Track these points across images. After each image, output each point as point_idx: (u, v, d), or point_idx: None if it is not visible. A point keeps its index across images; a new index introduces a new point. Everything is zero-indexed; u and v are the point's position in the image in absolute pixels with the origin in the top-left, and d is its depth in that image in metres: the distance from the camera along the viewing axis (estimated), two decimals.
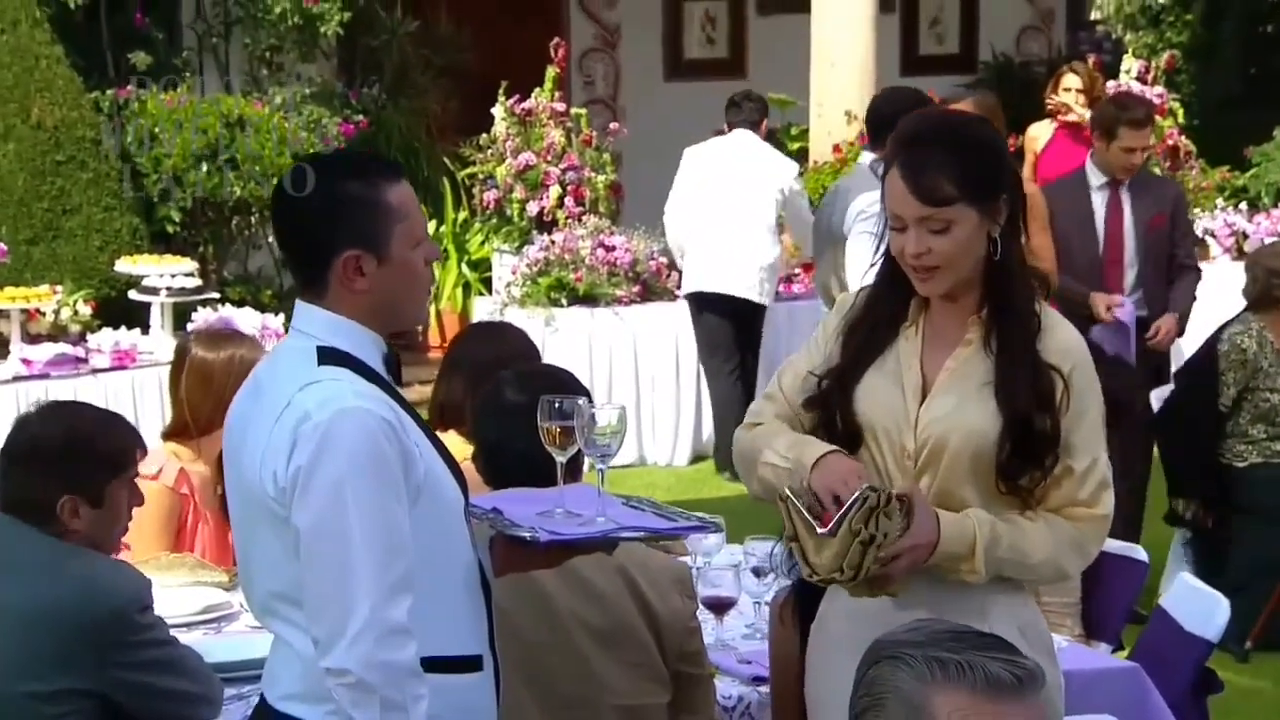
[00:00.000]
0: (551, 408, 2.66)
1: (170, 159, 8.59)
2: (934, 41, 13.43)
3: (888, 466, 2.81)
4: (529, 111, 9.21)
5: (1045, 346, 2.76)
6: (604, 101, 12.89)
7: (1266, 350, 5.77)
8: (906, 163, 2.76)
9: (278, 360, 2.64)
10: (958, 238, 2.74)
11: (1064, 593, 4.16)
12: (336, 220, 2.53)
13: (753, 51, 12.94)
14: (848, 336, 2.86)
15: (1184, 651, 3.65)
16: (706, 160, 8.15)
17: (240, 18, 9.62)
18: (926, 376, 2.81)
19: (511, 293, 8.80)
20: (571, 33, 12.92)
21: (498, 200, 9.16)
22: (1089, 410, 2.77)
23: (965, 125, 2.89)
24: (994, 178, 2.77)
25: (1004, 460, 2.73)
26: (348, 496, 2.42)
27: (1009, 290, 2.77)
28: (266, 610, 2.60)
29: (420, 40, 10.75)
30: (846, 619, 2.85)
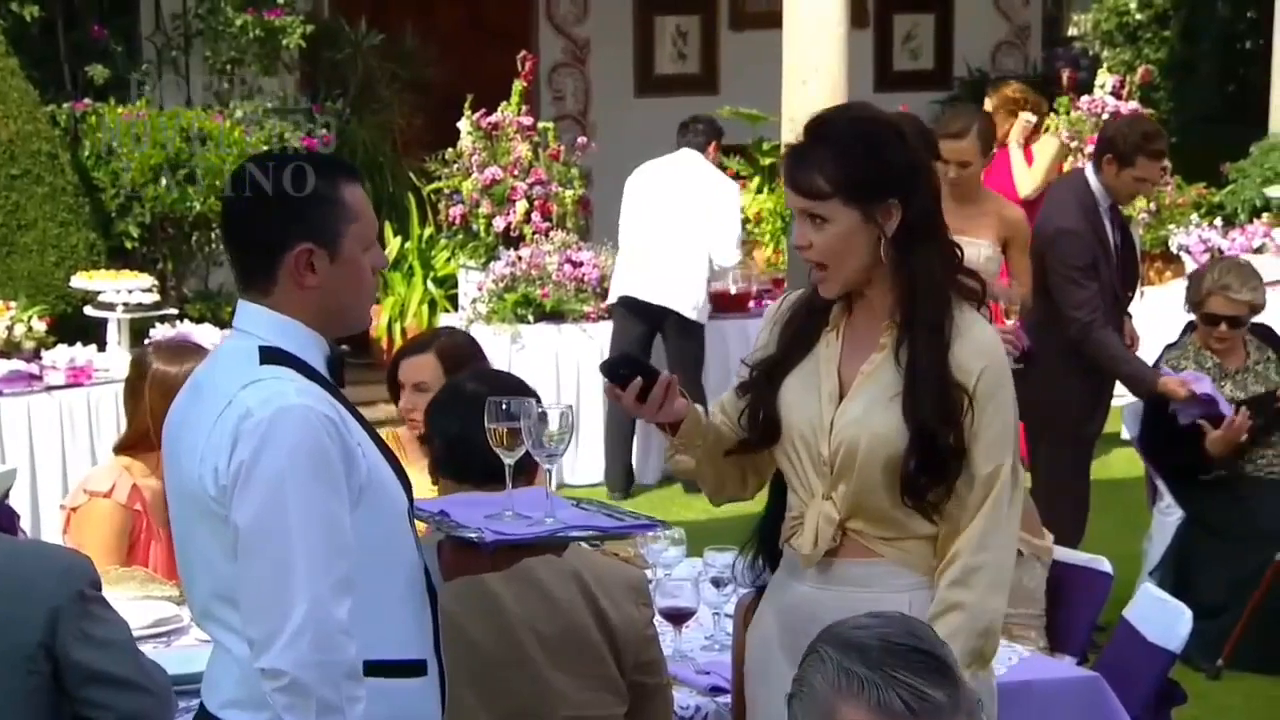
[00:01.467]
0: (499, 409, 2.69)
1: (128, 173, 8.59)
2: (908, 57, 13.53)
3: (806, 472, 2.88)
4: (495, 126, 9.25)
5: (958, 352, 2.79)
6: (574, 117, 12.94)
7: (1206, 366, 5.82)
8: (791, 153, 2.85)
9: (218, 360, 2.66)
10: (833, 234, 2.79)
11: (1028, 604, 4.20)
12: (291, 214, 2.57)
13: (725, 67, 13.01)
14: (780, 332, 2.94)
15: (1147, 662, 3.69)
16: (649, 179, 8.32)
17: (200, 30, 9.65)
18: (843, 382, 2.86)
19: (477, 309, 8.83)
20: (541, 47, 12.97)
21: (464, 215, 9.19)
22: (997, 415, 2.80)
23: (858, 123, 2.87)
24: (876, 178, 2.79)
25: (909, 473, 2.77)
26: (288, 493, 2.44)
27: (914, 301, 2.80)
28: (206, 614, 2.61)
29: (385, 54, 10.79)
30: (777, 616, 2.93)
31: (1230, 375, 5.84)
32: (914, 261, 2.80)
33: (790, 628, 2.90)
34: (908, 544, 2.85)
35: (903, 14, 13.43)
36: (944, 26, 13.51)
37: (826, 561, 2.87)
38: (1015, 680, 3.45)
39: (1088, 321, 5.73)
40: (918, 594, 2.83)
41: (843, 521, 2.85)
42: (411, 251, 9.87)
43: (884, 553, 2.85)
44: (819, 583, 2.89)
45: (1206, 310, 5.77)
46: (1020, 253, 5.77)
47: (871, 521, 2.84)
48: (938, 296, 2.81)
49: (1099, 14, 14.62)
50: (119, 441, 4.33)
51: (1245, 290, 5.74)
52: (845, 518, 2.85)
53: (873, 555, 2.85)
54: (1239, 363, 5.85)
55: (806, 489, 2.88)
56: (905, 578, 2.85)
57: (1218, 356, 5.84)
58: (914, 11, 13.46)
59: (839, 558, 2.87)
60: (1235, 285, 5.72)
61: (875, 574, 2.85)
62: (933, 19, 13.49)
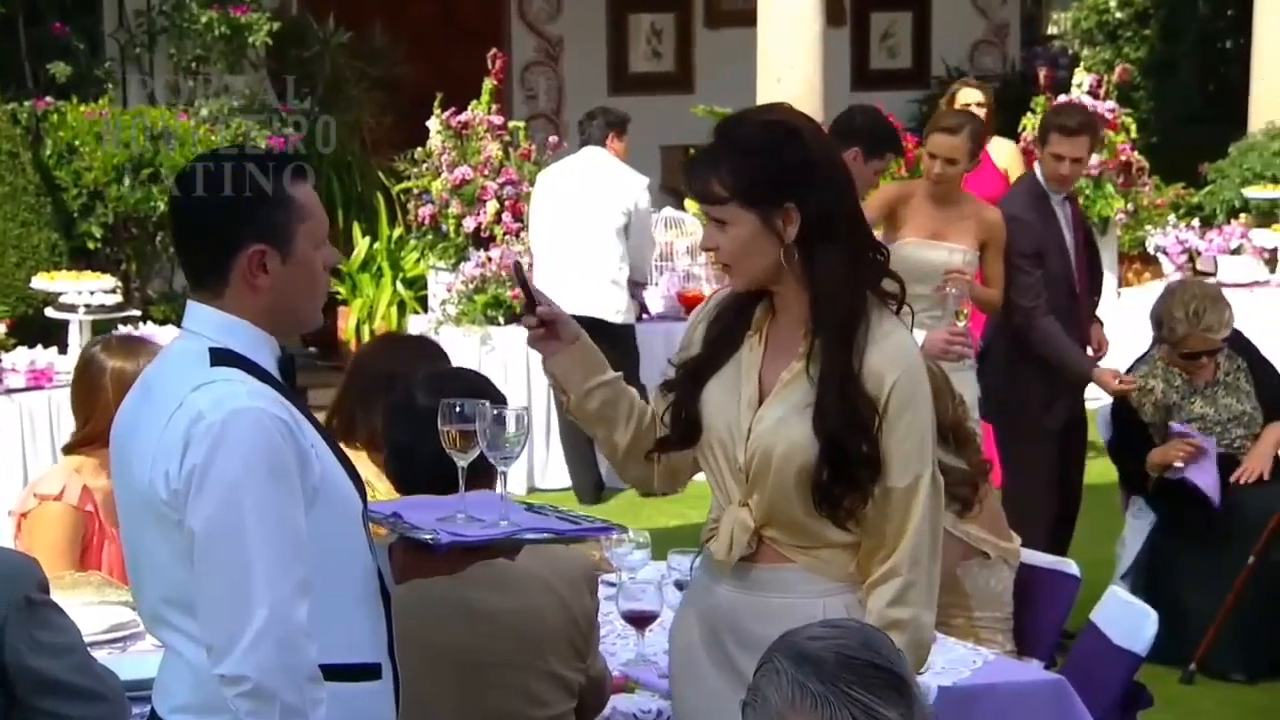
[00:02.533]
0: (452, 411, 2.71)
1: (91, 173, 8.58)
2: (886, 56, 13.58)
3: (725, 477, 2.90)
4: (466, 125, 9.25)
5: (870, 360, 2.80)
6: (547, 116, 12.96)
7: (1175, 384, 5.83)
8: (692, 161, 2.90)
9: (168, 361, 2.66)
10: (734, 238, 2.82)
11: (995, 607, 4.23)
12: (242, 214, 2.57)
13: (700, 65, 13.04)
14: (706, 331, 2.96)
15: (1113, 665, 3.72)
16: (555, 181, 8.25)
17: (165, 27, 9.64)
18: (763, 387, 2.88)
19: (446, 310, 8.83)
20: (513, 45, 12.99)
21: (433, 216, 9.19)
22: (913, 425, 2.81)
23: (754, 126, 2.87)
24: (771, 183, 2.80)
25: (822, 483, 2.80)
26: (244, 496, 2.44)
27: (820, 306, 2.81)
28: (156, 619, 2.61)
29: (354, 52, 10.79)
30: (699, 618, 2.97)
31: (1200, 391, 5.85)
32: (816, 266, 2.81)
33: (711, 629, 2.95)
34: (823, 552, 2.87)
35: (880, 12, 13.49)
36: (922, 25, 13.57)
37: (744, 566, 2.90)
38: (980, 683, 3.48)
39: (1030, 308, 5.78)
40: (831, 599, 2.86)
41: (758, 529, 2.87)
42: (380, 252, 9.88)
43: (799, 560, 2.88)
44: (736, 587, 2.91)
45: (1186, 350, 5.76)
46: (996, 256, 5.80)
47: (786, 530, 2.87)
48: (843, 302, 2.80)
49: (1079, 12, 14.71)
50: (71, 441, 4.32)
51: (1222, 328, 5.74)
52: (760, 525, 2.87)
53: (787, 561, 2.88)
54: (1208, 376, 5.85)
55: (724, 494, 2.91)
56: (819, 584, 2.87)
57: (1186, 371, 5.85)
58: (891, 10, 13.52)
59: (755, 563, 2.89)
60: (1214, 325, 5.71)
61: (790, 579, 2.88)
62: (910, 17, 13.55)
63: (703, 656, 2.97)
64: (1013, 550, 4.28)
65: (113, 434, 2.67)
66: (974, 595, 4.24)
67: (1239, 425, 5.84)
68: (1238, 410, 5.85)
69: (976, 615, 4.20)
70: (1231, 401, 5.86)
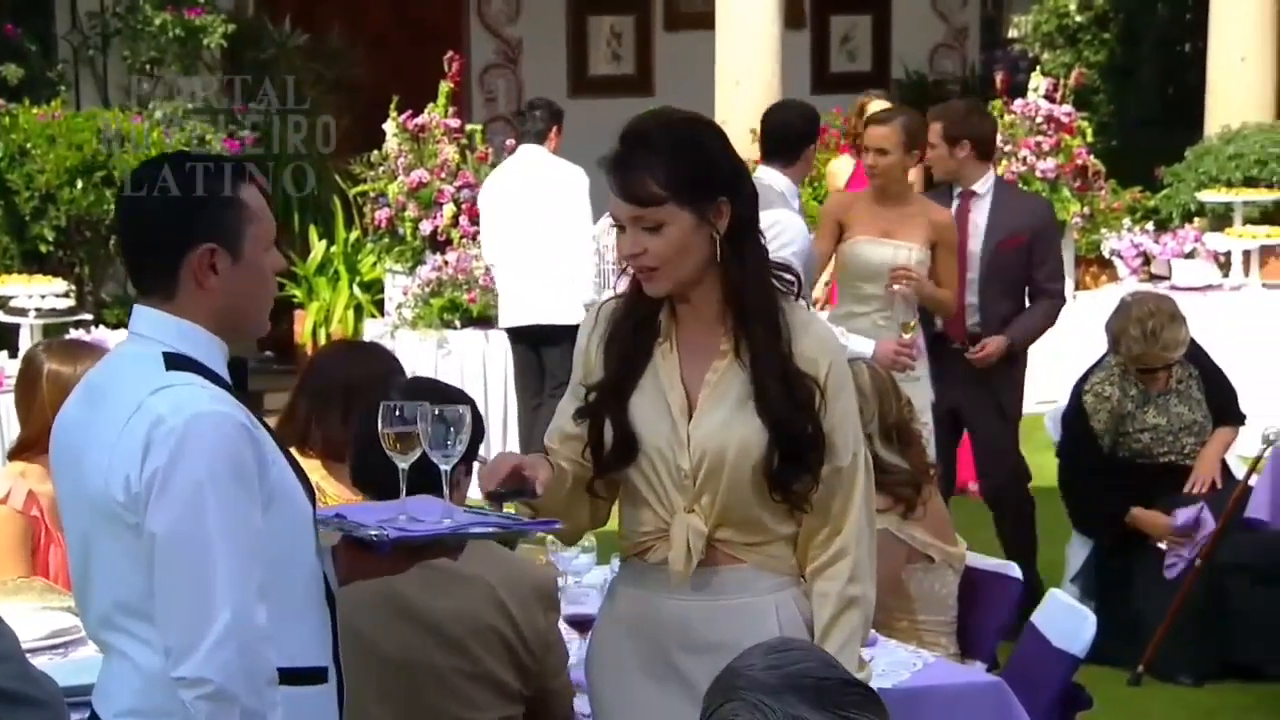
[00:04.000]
0: (391, 413, 2.75)
1: (43, 175, 8.58)
2: (846, 59, 13.66)
3: (664, 487, 2.90)
4: (422, 128, 9.28)
5: (798, 349, 2.86)
6: (506, 118, 12.96)
7: (1130, 393, 5.89)
8: (616, 163, 2.84)
9: (118, 366, 2.66)
10: (671, 238, 2.82)
11: (940, 611, 4.28)
12: (192, 213, 2.60)
13: (659, 68, 13.09)
14: (608, 350, 2.94)
15: (1051, 667, 3.78)
16: (494, 189, 8.02)
17: (119, 29, 9.65)
18: (689, 392, 2.89)
19: (403, 314, 8.86)
20: (472, 48, 13.02)
21: (390, 219, 9.22)
22: (848, 407, 2.90)
23: (676, 125, 2.91)
24: (706, 178, 2.83)
25: (776, 470, 2.84)
26: (207, 500, 2.47)
27: (744, 296, 2.85)
28: (105, 623, 2.62)
29: (310, 54, 10.80)
30: (631, 633, 2.97)
31: (1153, 400, 5.91)
32: (744, 258, 2.85)
33: (652, 642, 2.94)
34: (770, 547, 2.92)
35: (840, 15, 13.56)
36: (881, 28, 13.65)
37: (694, 572, 2.90)
38: (919, 685, 3.53)
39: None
40: (782, 595, 2.91)
41: (711, 533, 2.90)
42: (337, 255, 9.90)
43: (748, 559, 2.91)
44: (687, 594, 2.91)
45: (1146, 366, 5.82)
46: (947, 256, 5.87)
47: (739, 529, 2.90)
48: (766, 291, 2.87)
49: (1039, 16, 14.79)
50: (14, 445, 4.33)
51: (1178, 346, 5.80)
52: (713, 528, 2.90)
53: (738, 562, 2.92)
54: (1161, 385, 5.91)
55: (665, 505, 2.91)
56: (770, 580, 2.91)
57: (1141, 381, 5.91)
58: (851, 13, 13.60)
59: (706, 567, 2.91)
60: (1170, 343, 5.76)
61: (743, 579, 2.91)
62: (870, 20, 13.62)
63: (636, 672, 2.96)
64: (957, 554, 4.34)
65: (54, 439, 2.68)
66: (918, 599, 4.29)
67: (1190, 434, 5.91)
68: (1189, 419, 5.91)
69: (920, 619, 4.25)
70: (1184, 410, 5.92)
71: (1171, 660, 5.63)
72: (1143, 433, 5.87)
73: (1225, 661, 5.67)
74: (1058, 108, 9.69)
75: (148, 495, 2.47)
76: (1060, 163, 9.65)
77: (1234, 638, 5.65)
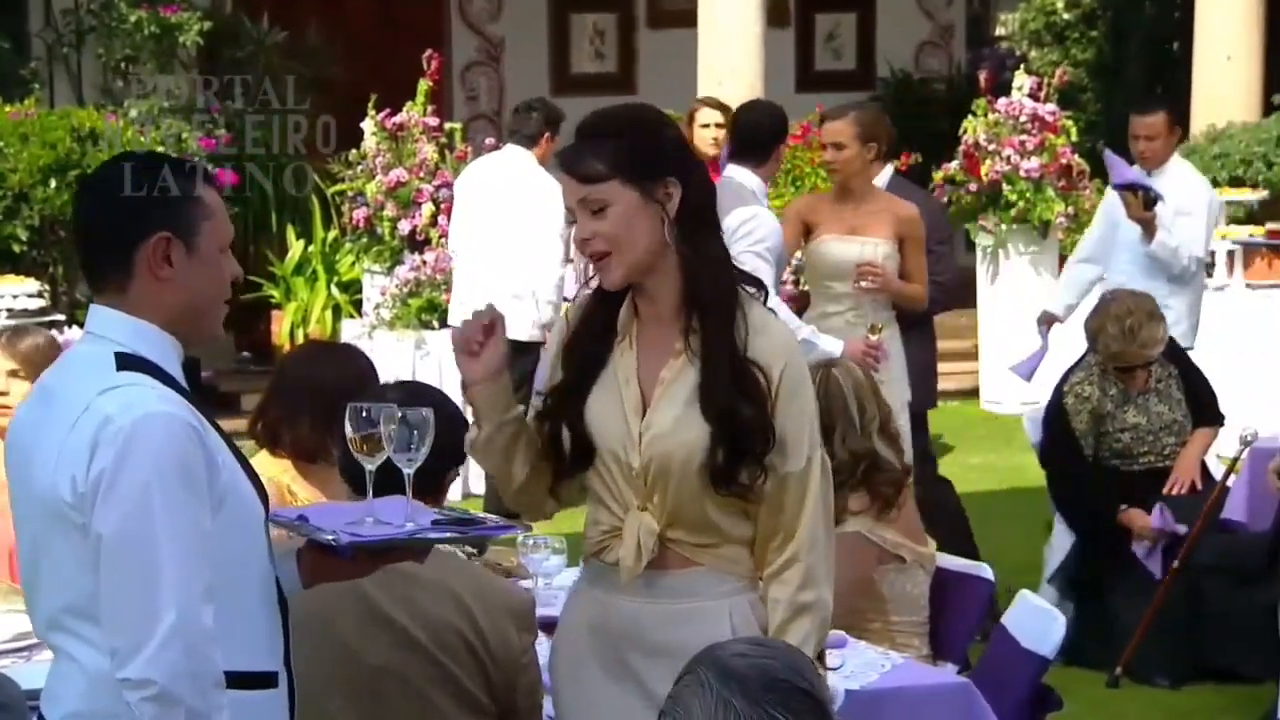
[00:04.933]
0: (359, 416, 2.77)
1: (16, 174, 8.58)
2: (831, 57, 13.69)
3: (618, 485, 2.94)
4: (401, 126, 9.29)
5: (756, 345, 2.88)
6: (488, 117, 13.01)
7: (1110, 392, 5.92)
8: (567, 149, 2.94)
9: (70, 365, 2.69)
10: (616, 217, 2.86)
11: (912, 611, 4.31)
12: (147, 202, 2.62)
13: (643, 66, 13.12)
14: (568, 353, 2.98)
15: (1020, 668, 3.81)
16: (471, 184, 7.88)
17: (93, 26, 9.66)
18: (644, 391, 2.92)
19: (381, 315, 8.87)
20: (454, 45, 13.05)
21: (368, 218, 9.23)
22: (804, 410, 2.91)
23: (623, 110, 3.01)
24: (650, 157, 2.88)
25: (719, 464, 2.86)
26: (154, 501, 2.48)
27: (700, 287, 2.88)
28: (53, 625, 2.63)
29: (288, 51, 10.81)
30: (590, 632, 3.00)
31: (1132, 399, 5.94)
32: (697, 245, 2.88)
33: (606, 643, 2.97)
34: (725, 550, 2.93)
35: (825, 13, 13.59)
36: (866, 26, 13.68)
37: (647, 574, 2.93)
38: (887, 687, 3.56)
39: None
40: (737, 599, 2.93)
41: (662, 531, 2.92)
42: (315, 255, 9.91)
43: (703, 560, 2.93)
44: (639, 596, 2.94)
45: (1121, 364, 5.87)
46: (915, 250, 5.90)
47: (690, 529, 2.92)
48: (724, 282, 2.90)
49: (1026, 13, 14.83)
50: None
51: (1157, 344, 5.83)
52: (665, 526, 2.92)
53: (692, 565, 2.94)
54: (1140, 385, 5.95)
55: (620, 502, 2.94)
56: (725, 584, 2.93)
57: (1120, 380, 5.94)
58: (836, 11, 13.63)
59: (659, 569, 2.94)
60: (1149, 341, 5.81)
61: (694, 583, 2.93)
62: (855, 18, 13.66)
63: (594, 671, 2.99)
64: (928, 555, 4.37)
65: (9, 440, 2.70)
66: (890, 600, 4.32)
67: (1170, 433, 5.94)
68: (1169, 419, 5.95)
69: (893, 620, 4.28)
70: (1164, 409, 5.95)
71: (1149, 662, 5.67)
72: (1123, 432, 5.90)
73: (1202, 664, 5.70)
74: (1042, 106, 9.72)
75: (94, 495, 2.49)
76: (1044, 162, 9.68)
77: (1211, 640, 5.68)
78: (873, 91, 13.41)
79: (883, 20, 13.68)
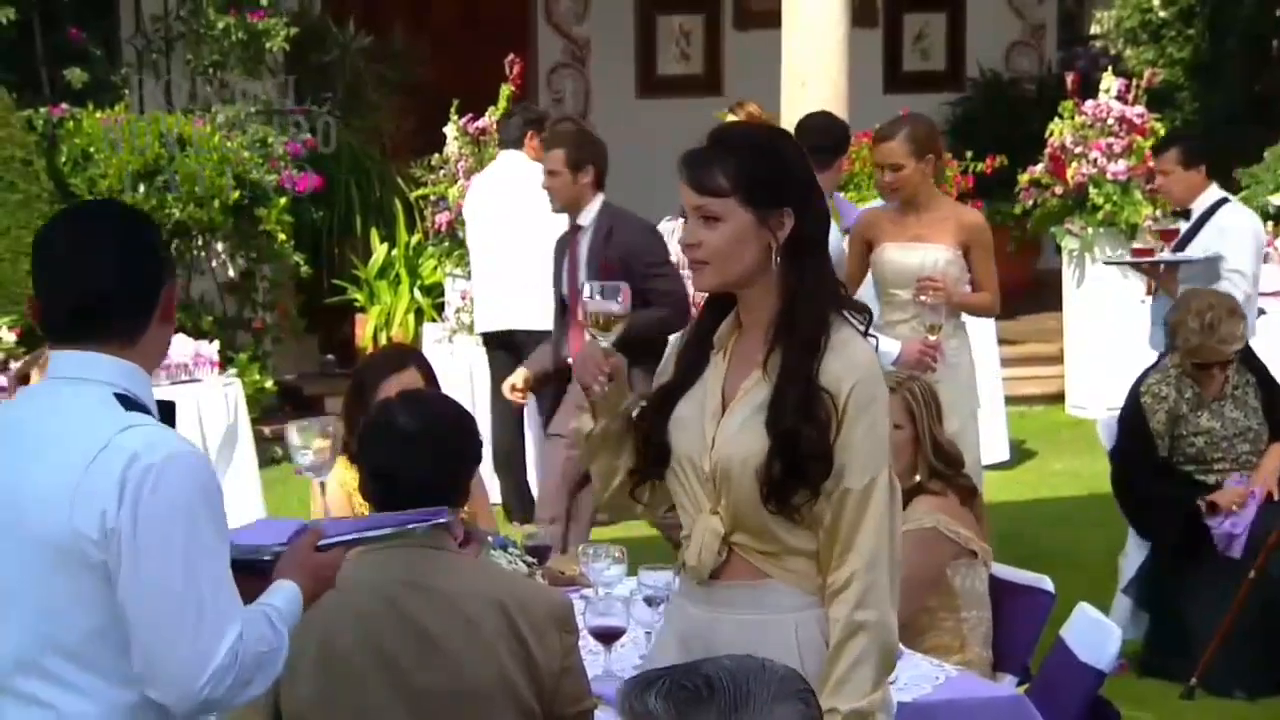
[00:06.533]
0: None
1: (105, 180, 8.79)
2: (919, 58, 13.65)
3: (694, 489, 3.04)
4: (483, 131, 9.40)
5: (829, 365, 2.93)
6: (573, 119, 13.10)
7: (1186, 395, 5.93)
8: (693, 154, 2.99)
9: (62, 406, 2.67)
10: (725, 233, 2.94)
11: (980, 607, 4.26)
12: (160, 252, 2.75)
13: (729, 68, 13.16)
14: (678, 358, 3.10)
15: (1077, 681, 3.84)
16: (476, 195, 8.19)
17: (182, 33, 9.85)
18: (726, 399, 3.02)
19: (461, 319, 8.99)
20: (539, 47, 13.17)
21: (449, 223, 9.35)
22: (871, 429, 2.94)
23: (759, 132, 3.12)
24: (774, 185, 2.95)
25: (775, 479, 2.92)
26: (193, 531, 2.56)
27: (794, 312, 2.95)
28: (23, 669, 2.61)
29: (374, 55, 10.98)
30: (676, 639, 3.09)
31: (1207, 404, 5.94)
32: (801, 274, 2.95)
33: (693, 651, 3.02)
34: (791, 561, 2.99)
35: (913, 13, 13.56)
36: (956, 26, 13.63)
37: (717, 584, 3.02)
38: (939, 699, 3.60)
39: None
40: (804, 614, 2.98)
41: (727, 535, 3.00)
42: (399, 259, 10.05)
43: (771, 572, 3.00)
44: (709, 606, 3.04)
45: (1198, 360, 5.88)
46: (983, 257, 5.93)
47: (753, 535, 2.99)
48: (816, 312, 2.96)
49: (1122, 11, 14.70)
50: None
51: (1236, 340, 5.85)
52: (729, 531, 3.00)
53: (760, 576, 3.00)
54: (1216, 390, 5.95)
55: (695, 505, 3.04)
56: (793, 598, 2.99)
57: (1197, 384, 5.95)
58: (925, 10, 13.59)
59: (727, 579, 3.01)
60: (1228, 337, 5.82)
61: (761, 596, 3.00)
62: (944, 18, 13.61)
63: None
64: (989, 550, 4.42)
65: None
66: (961, 595, 4.34)
67: (1245, 441, 5.93)
68: (1244, 425, 5.94)
69: (964, 616, 4.30)
70: (1239, 416, 5.95)
71: (1225, 674, 5.66)
72: (1197, 436, 5.90)
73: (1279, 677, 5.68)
74: (1130, 109, 9.67)
75: (130, 534, 2.53)
76: (1132, 164, 9.62)
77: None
78: (962, 93, 13.39)
79: (973, 19, 13.62)
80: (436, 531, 3.12)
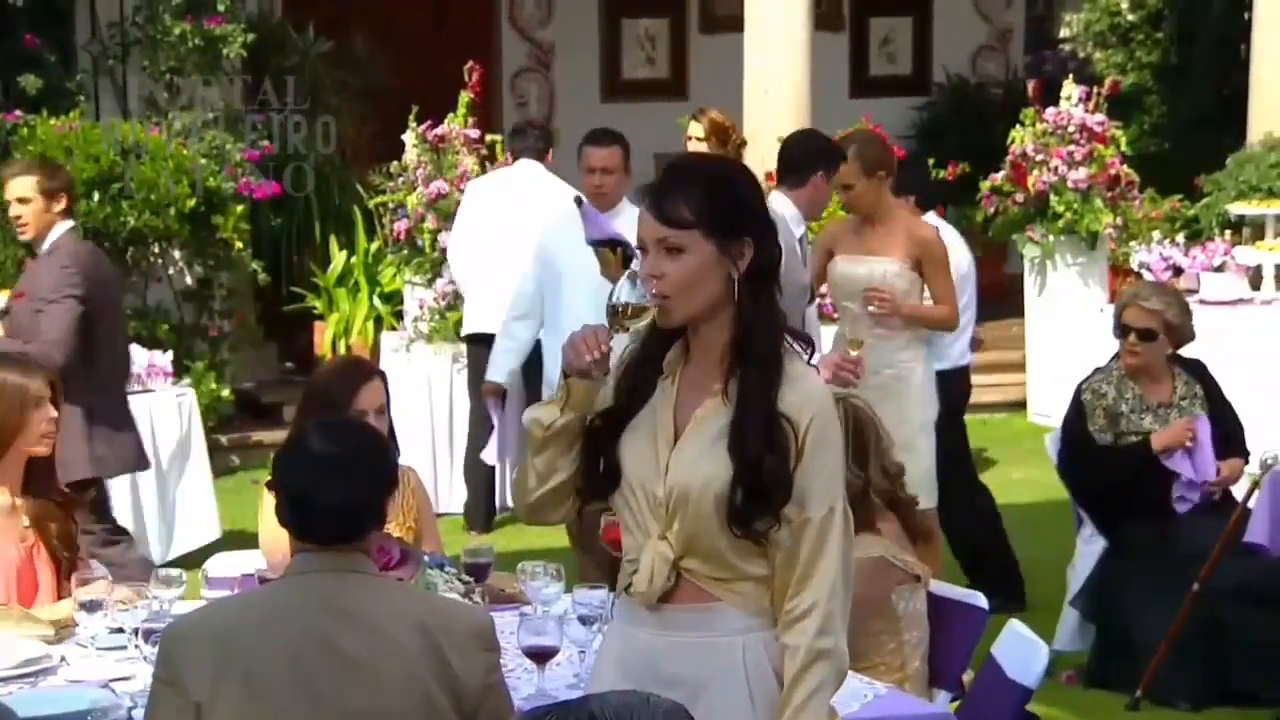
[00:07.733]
0: None
1: None
2: (885, 62, 13.74)
3: (644, 515, 3.09)
4: (442, 138, 9.44)
5: (786, 395, 3.02)
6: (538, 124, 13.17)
7: (1126, 395, 6.03)
8: (653, 187, 3.07)
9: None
10: (689, 265, 3.01)
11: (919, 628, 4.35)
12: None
13: (694, 72, 13.23)
14: (620, 381, 3.15)
15: (1005, 697, 3.91)
16: (488, 193, 8.23)
17: (138, 39, 9.87)
18: (678, 426, 3.08)
19: (419, 328, 9.05)
20: (504, 52, 13.23)
21: (409, 230, 9.39)
22: (827, 460, 3.03)
23: (718, 165, 3.26)
24: (735, 216, 3.03)
25: (737, 505, 2.99)
26: None
27: (751, 339, 3.03)
28: None
29: (335, 61, 11.01)
30: (617, 666, 3.14)
31: (1152, 409, 6.03)
32: (758, 303, 3.03)
33: (630, 676, 3.09)
34: (740, 585, 3.05)
35: (880, 17, 13.64)
36: (923, 30, 13.72)
37: (664, 607, 3.08)
38: (869, 717, 3.67)
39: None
40: (751, 636, 3.05)
41: (677, 560, 3.06)
42: (357, 266, 10.08)
43: (719, 594, 3.06)
44: (655, 629, 3.09)
45: (1122, 322, 6.03)
46: (935, 271, 6.01)
47: (705, 560, 3.05)
48: (773, 339, 3.05)
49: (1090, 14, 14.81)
50: None
51: (1156, 300, 5.99)
52: (679, 556, 3.06)
53: (708, 599, 3.06)
54: (1163, 396, 6.04)
55: (642, 530, 3.09)
56: (740, 620, 3.05)
57: (1140, 387, 6.01)
58: (891, 15, 13.68)
59: (675, 603, 3.07)
60: (1145, 294, 6.02)
61: (709, 618, 3.06)
62: (910, 22, 13.69)
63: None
64: (930, 571, 4.50)
65: None
66: (904, 618, 4.41)
67: None
68: None
69: (905, 638, 4.37)
70: None
71: (1169, 685, 5.74)
72: (1137, 436, 5.98)
73: (1223, 687, 5.77)
74: (1090, 116, 9.76)
75: None
76: (1093, 172, 9.72)
77: (1232, 664, 5.76)
78: (928, 97, 13.47)
79: (940, 24, 13.71)
80: (357, 555, 3.19)
